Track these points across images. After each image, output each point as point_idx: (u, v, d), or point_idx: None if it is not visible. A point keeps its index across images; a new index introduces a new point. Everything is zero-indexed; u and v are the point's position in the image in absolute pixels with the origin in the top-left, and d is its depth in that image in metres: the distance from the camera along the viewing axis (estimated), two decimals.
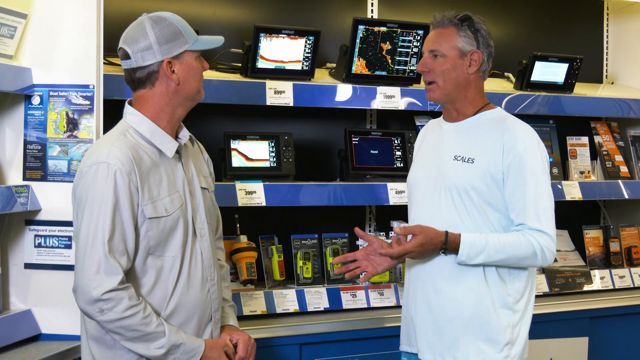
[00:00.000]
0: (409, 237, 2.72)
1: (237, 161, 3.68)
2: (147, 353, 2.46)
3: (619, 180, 4.52)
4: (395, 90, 3.87)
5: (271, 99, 3.62)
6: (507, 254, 2.69)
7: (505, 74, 4.48)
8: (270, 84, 3.63)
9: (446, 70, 2.79)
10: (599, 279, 4.40)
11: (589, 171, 4.57)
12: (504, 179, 2.72)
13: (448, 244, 2.69)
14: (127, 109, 2.60)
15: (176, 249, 2.54)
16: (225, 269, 2.86)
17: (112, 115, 3.07)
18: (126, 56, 2.56)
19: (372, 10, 4.28)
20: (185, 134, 2.66)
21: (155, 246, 2.51)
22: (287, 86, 3.65)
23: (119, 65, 3.39)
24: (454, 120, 2.87)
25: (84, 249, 2.42)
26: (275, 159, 3.76)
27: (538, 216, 2.70)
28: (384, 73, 3.87)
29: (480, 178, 2.73)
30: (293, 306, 3.62)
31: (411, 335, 2.88)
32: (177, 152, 2.62)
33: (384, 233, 3.98)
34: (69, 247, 2.97)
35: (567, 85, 4.39)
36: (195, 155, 2.73)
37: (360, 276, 2.98)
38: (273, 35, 3.62)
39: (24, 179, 3.02)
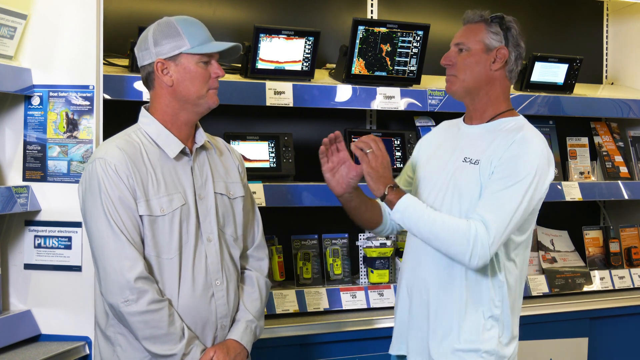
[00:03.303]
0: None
1: None
2: (160, 352, 2.46)
3: (619, 181, 4.52)
4: (395, 91, 3.87)
5: (271, 100, 3.62)
6: (443, 228, 2.55)
7: None
8: (270, 85, 3.63)
9: (468, 64, 2.70)
10: (598, 279, 4.40)
11: (588, 172, 4.57)
12: (492, 173, 2.63)
13: (397, 189, 2.59)
14: (141, 112, 2.64)
15: (173, 252, 2.54)
16: (261, 282, 2.77)
17: (112, 116, 3.07)
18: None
19: (371, 10, 4.28)
20: (201, 137, 2.66)
21: (149, 245, 2.50)
22: (287, 87, 3.65)
23: (119, 65, 3.41)
24: (472, 123, 2.78)
25: (99, 241, 2.45)
26: (275, 160, 3.76)
27: (495, 214, 2.55)
28: (383, 74, 3.87)
29: (479, 180, 2.65)
30: (293, 307, 3.62)
31: (405, 339, 2.83)
32: (186, 154, 2.62)
33: None
34: (68, 247, 2.97)
35: (567, 86, 4.39)
36: (217, 160, 2.71)
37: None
38: (273, 35, 3.62)
39: (24, 179, 3.02)
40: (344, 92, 3.79)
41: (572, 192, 4.27)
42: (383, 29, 3.83)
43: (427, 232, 2.59)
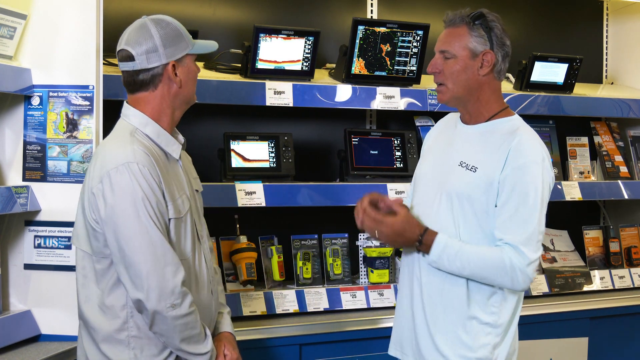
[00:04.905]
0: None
1: (236, 162, 3.68)
2: (197, 351, 2.49)
3: (619, 181, 4.52)
4: (395, 91, 3.87)
5: (271, 100, 3.62)
6: (478, 266, 2.58)
7: (505, 74, 4.47)
8: (270, 85, 3.63)
9: (456, 72, 2.68)
10: (598, 279, 4.40)
11: (588, 171, 4.57)
12: (498, 190, 2.62)
13: (424, 238, 2.61)
14: (129, 110, 2.58)
15: (188, 252, 2.55)
16: (219, 272, 2.86)
17: (112, 116, 3.07)
18: (129, 58, 2.53)
19: (371, 10, 4.28)
20: (181, 137, 2.67)
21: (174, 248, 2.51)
22: (287, 86, 3.65)
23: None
24: (468, 123, 2.77)
25: (144, 248, 2.40)
26: (275, 160, 3.76)
27: (520, 234, 2.57)
28: (383, 73, 3.87)
29: (480, 188, 2.63)
30: (293, 307, 3.62)
31: (402, 341, 2.83)
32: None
33: None
34: (68, 247, 2.97)
35: (567, 86, 4.39)
36: (184, 158, 2.73)
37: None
38: (272, 35, 3.62)
39: (24, 179, 3.02)
40: (343, 92, 3.78)
41: (572, 191, 4.27)
42: (383, 29, 3.83)
43: (464, 274, 2.63)
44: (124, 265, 2.43)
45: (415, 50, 3.89)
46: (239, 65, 3.72)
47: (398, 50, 3.87)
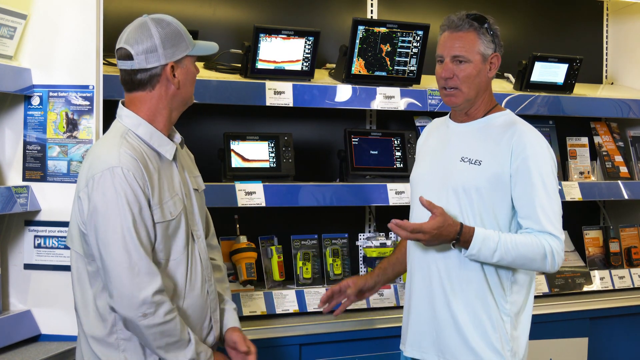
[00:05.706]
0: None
1: (236, 162, 3.68)
2: (175, 359, 2.47)
3: (619, 181, 4.52)
4: (395, 91, 3.87)
5: (271, 100, 3.62)
6: (519, 254, 2.67)
7: (505, 74, 4.48)
8: (270, 85, 3.63)
9: (471, 76, 2.75)
10: (598, 279, 4.40)
11: (588, 172, 4.57)
12: (511, 182, 2.70)
13: (462, 235, 2.65)
14: (123, 111, 2.58)
15: (179, 253, 2.54)
16: (224, 270, 2.86)
17: (112, 116, 3.07)
18: (128, 57, 2.52)
19: (371, 10, 4.28)
20: (178, 136, 2.66)
21: (161, 250, 2.50)
22: (287, 87, 3.65)
23: None
24: (462, 121, 2.84)
25: (119, 255, 2.39)
26: (275, 160, 3.76)
27: (548, 220, 2.70)
28: (383, 73, 3.87)
29: (488, 180, 2.70)
30: (293, 307, 3.62)
31: (420, 340, 2.86)
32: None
33: (383, 233, 3.98)
34: (68, 247, 2.97)
35: (567, 86, 4.39)
36: (185, 157, 2.73)
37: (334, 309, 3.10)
38: (272, 35, 3.62)
39: (24, 179, 3.02)
40: (343, 92, 3.78)
41: (572, 192, 4.27)
42: (383, 29, 3.83)
43: (503, 263, 2.71)
44: (103, 270, 2.44)
45: (415, 50, 3.89)
46: (239, 65, 3.72)
47: (398, 50, 3.87)
